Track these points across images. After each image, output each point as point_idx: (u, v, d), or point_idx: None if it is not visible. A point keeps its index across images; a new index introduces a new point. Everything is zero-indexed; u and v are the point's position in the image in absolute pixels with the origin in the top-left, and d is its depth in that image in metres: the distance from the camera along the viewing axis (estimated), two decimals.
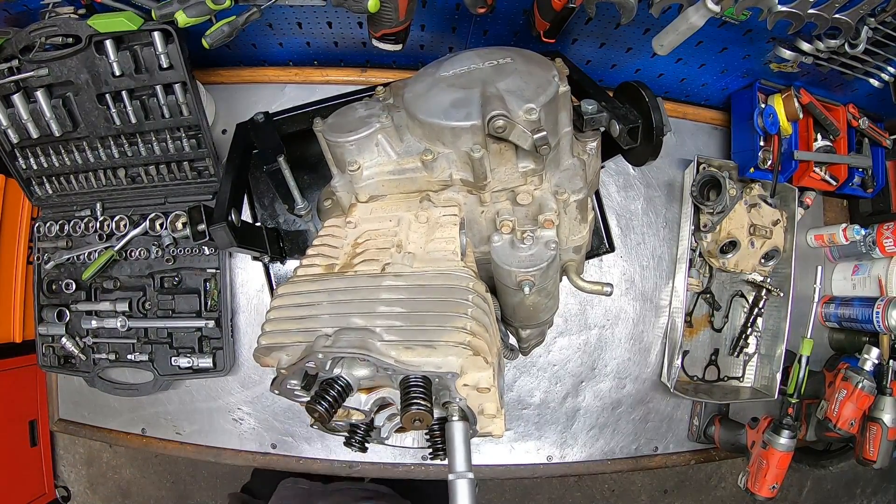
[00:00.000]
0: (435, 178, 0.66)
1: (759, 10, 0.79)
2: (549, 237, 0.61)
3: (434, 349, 0.49)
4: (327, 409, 0.49)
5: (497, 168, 0.64)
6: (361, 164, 0.68)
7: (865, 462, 1.11)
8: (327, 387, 0.50)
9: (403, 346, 0.50)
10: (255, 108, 1.12)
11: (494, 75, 0.65)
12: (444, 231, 0.63)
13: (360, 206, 0.69)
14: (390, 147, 0.67)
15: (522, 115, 0.59)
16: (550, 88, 0.63)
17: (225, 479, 2.19)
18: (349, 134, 0.67)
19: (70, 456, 2.19)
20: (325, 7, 0.93)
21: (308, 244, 0.86)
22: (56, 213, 1.10)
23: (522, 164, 0.64)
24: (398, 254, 0.61)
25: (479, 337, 0.51)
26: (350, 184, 0.69)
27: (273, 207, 1.05)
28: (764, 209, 1.17)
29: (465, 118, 0.61)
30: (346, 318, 0.54)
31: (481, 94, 0.62)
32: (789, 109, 1.09)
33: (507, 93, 0.61)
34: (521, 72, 0.65)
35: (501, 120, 0.58)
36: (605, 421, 1.17)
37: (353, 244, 0.65)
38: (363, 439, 0.56)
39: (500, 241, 0.62)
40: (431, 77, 0.68)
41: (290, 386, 0.54)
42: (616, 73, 1.16)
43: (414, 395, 0.48)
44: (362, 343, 0.50)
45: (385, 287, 0.56)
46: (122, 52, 0.89)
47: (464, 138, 0.62)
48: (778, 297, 1.18)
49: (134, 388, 1.09)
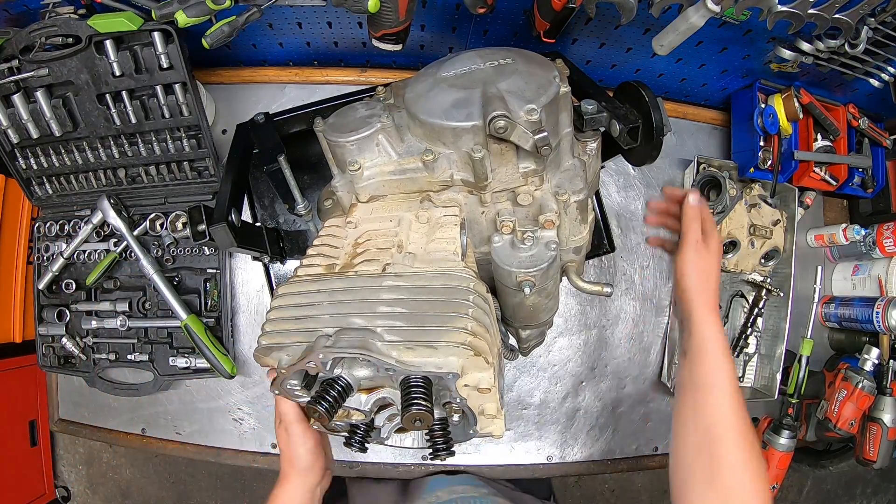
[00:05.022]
0: (436, 179, 0.66)
1: (759, 10, 0.79)
2: (550, 238, 0.61)
3: (435, 349, 0.49)
4: (328, 409, 0.49)
5: (498, 168, 0.64)
6: (362, 164, 0.68)
7: (865, 462, 1.11)
8: (328, 387, 0.50)
9: (404, 346, 0.49)
10: (255, 108, 1.12)
11: (495, 76, 0.65)
12: (444, 231, 0.63)
13: (360, 206, 0.69)
14: (391, 147, 0.67)
15: (523, 116, 0.59)
16: (551, 89, 0.63)
17: (225, 479, 2.19)
18: (350, 134, 0.67)
19: (70, 456, 2.19)
20: (325, 7, 0.93)
21: (308, 244, 0.87)
22: (56, 213, 1.10)
23: (523, 165, 0.64)
24: (399, 254, 0.61)
25: (479, 337, 0.51)
26: (351, 184, 0.69)
27: (273, 207, 1.05)
28: (764, 209, 1.17)
29: (466, 118, 0.61)
30: (346, 319, 0.54)
31: (482, 94, 0.62)
32: (789, 109, 1.10)
33: (507, 93, 0.61)
34: (522, 72, 0.65)
35: (503, 120, 0.58)
36: (605, 421, 1.17)
37: (354, 244, 0.65)
38: (363, 439, 0.56)
39: (501, 241, 0.62)
40: (432, 77, 0.68)
41: (290, 386, 0.54)
42: (616, 73, 1.16)
43: (415, 395, 0.48)
44: (363, 343, 0.50)
45: (386, 287, 0.56)
46: (122, 52, 0.89)
47: (465, 138, 0.62)
48: (778, 297, 1.18)
49: (134, 388, 1.09)
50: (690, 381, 0.67)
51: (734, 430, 0.61)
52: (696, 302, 0.70)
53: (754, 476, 0.59)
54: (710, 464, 0.60)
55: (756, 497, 0.58)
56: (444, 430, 0.53)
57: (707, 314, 0.69)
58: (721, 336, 0.68)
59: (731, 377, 0.65)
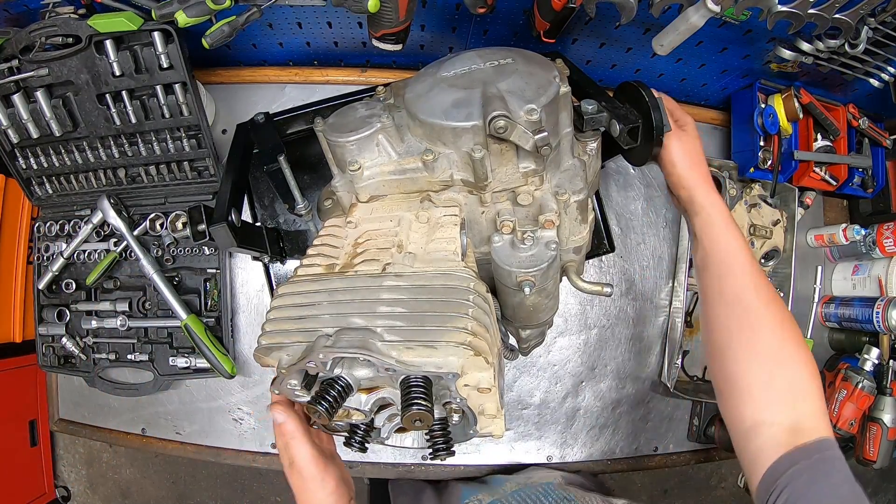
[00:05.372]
0: (436, 179, 0.66)
1: (759, 10, 0.79)
2: (550, 238, 0.61)
3: (435, 349, 0.49)
4: (327, 409, 0.49)
5: (498, 168, 0.64)
6: (362, 164, 0.68)
7: (865, 462, 1.11)
8: (328, 387, 0.50)
9: (404, 346, 0.49)
10: (255, 108, 1.12)
11: (495, 76, 0.65)
12: (444, 231, 0.63)
13: (360, 205, 0.69)
14: (391, 147, 0.67)
15: (524, 116, 0.59)
16: (551, 89, 0.63)
17: (225, 479, 2.19)
18: (350, 134, 0.67)
19: (70, 456, 2.19)
20: (325, 7, 0.93)
21: (308, 244, 0.87)
22: (56, 213, 1.10)
23: (523, 165, 0.64)
24: (399, 254, 0.61)
25: (479, 337, 0.51)
26: (351, 184, 0.69)
27: (273, 207, 1.05)
28: (764, 209, 1.17)
29: (466, 118, 0.61)
30: (346, 318, 0.53)
31: (482, 94, 0.62)
32: (789, 109, 1.10)
33: (508, 93, 0.61)
34: (522, 72, 0.65)
35: (503, 120, 0.58)
36: (605, 421, 1.17)
37: (354, 244, 0.65)
38: (363, 439, 0.56)
39: (501, 241, 0.62)
40: (432, 77, 0.68)
41: (290, 386, 0.54)
42: (616, 73, 1.16)
43: (415, 395, 0.48)
44: (363, 343, 0.50)
45: (386, 287, 0.56)
46: (122, 52, 0.89)
47: (465, 138, 0.62)
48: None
49: (134, 388, 1.09)
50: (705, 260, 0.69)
51: (763, 296, 0.63)
52: (692, 182, 0.72)
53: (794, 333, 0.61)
54: (750, 331, 0.62)
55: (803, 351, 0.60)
56: (445, 430, 0.53)
57: (707, 192, 0.71)
58: (725, 209, 0.70)
59: (744, 245, 0.67)
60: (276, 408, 0.56)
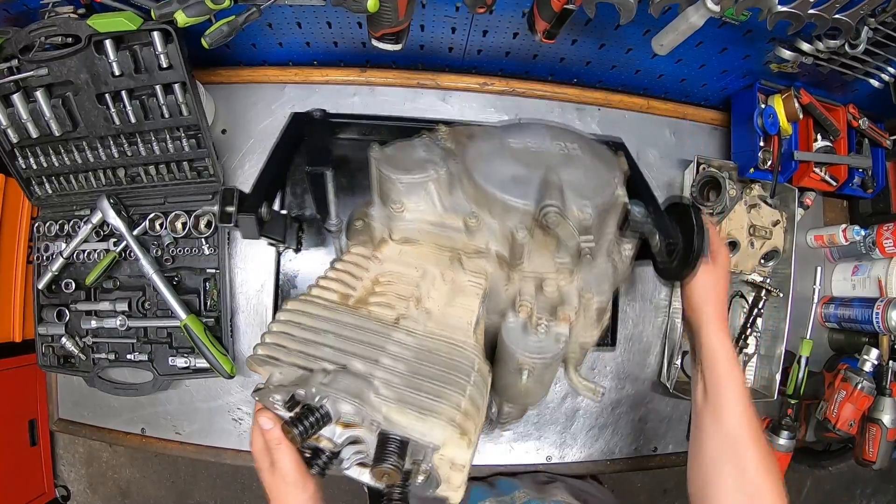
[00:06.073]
0: (473, 244, 0.65)
1: (759, 10, 0.79)
2: (562, 332, 0.60)
3: (423, 419, 0.49)
4: (301, 433, 0.49)
5: (535, 253, 0.63)
6: (406, 206, 0.66)
7: (865, 463, 1.11)
8: (308, 412, 0.50)
9: (397, 405, 0.49)
10: (255, 108, 1.12)
11: (560, 162, 0.64)
12: (465, 300, 0.62)
13: (391, 244, 0.68)
14: (438, 199, 0.66)
15: (576, 211, 0.59)
16: (608, 190, 0.63)
17: (225, 479, 2.19)
18: (403, 174, 0.65)
19: (70, 456, 2.19)
20: (324, 7, 0.93)
21: (326, 245, 0.82)
22: (56, 213, 1.10)
23: (559, 258, 0.63)
24: (415, 308, 0.60)
25: (469, 418, 0.51)
26: (388, 218, 0.68)
27: (303, 198, 1.04)
28: (764, 210, 1.17)
29: (521, 197, 0.60)
30: (348, 359, 0.53)
31: (543, 178, 0.61)
32: (789, 110, 1.09)
33: (567, 185, 0.61)
34: (587, 165, 0.65)
35: (554, 215, 0.57)
36: (604, 421, 1.17)
37: (374, 280, 0.64)
38: (325, 466, 0.55)
39: (515, 322, 0.61)
40: (498, 141, 0.67)
41: (273, 400, 0.53)
42: (616, 74, 1.16)
43: (390, 452, 0.48)
44: (358, 393, 0.50)
45: (394, 340, 0.56)
46: (121, 51, 0.89)
47: (513, 216, 0.61)
48: (777, 297, 1.18)
49: (133, 388, 1.09)
50: (705, 391, 0.72)
51: (753, 435, 0.67)
52: (706, 317, 0.74)
53: (774, 475, 0.66)
54: (735, 467, 0.66)
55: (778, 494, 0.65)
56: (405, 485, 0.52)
57: (717, 330, 0.74)
58: (729, 347, 0.73)
59: (742, 385, 0.71)
60: (265, 413, 0.56)
